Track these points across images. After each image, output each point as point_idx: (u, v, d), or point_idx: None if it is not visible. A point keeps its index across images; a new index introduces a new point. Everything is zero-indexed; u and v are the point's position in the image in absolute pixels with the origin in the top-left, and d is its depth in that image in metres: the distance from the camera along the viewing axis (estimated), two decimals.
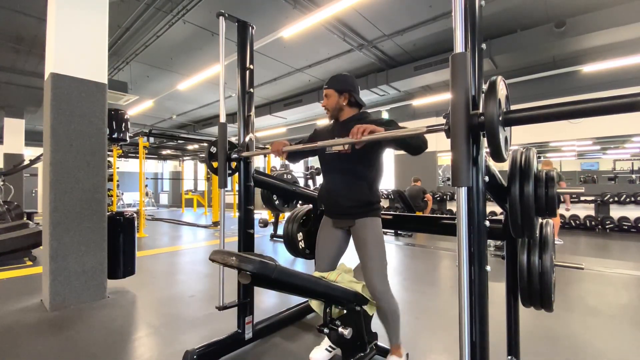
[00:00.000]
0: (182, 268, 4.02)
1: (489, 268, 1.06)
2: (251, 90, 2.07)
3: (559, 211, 6.73)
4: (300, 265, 4.04)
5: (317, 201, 1.86)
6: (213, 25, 5.40)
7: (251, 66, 2.09)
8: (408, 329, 2.20)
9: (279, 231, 5.62)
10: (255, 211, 2.12)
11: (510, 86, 1.07)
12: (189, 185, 18.46)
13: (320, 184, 1.96)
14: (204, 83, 7.74)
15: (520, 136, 7.52)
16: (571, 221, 7.12)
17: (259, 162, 12.60)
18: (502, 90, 0.98)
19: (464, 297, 0.93)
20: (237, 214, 2.08)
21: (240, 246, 2.01)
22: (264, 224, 5.44)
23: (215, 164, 2.02)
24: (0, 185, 6.30)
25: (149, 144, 9.26)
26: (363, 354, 1.66)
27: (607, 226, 6.69)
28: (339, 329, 1.54)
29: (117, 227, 3.00)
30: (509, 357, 1.34)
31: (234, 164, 2.03)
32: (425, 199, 6.83)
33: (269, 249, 5.23)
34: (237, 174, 2.03)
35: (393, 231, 6.16)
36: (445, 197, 8.97)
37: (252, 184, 2.05)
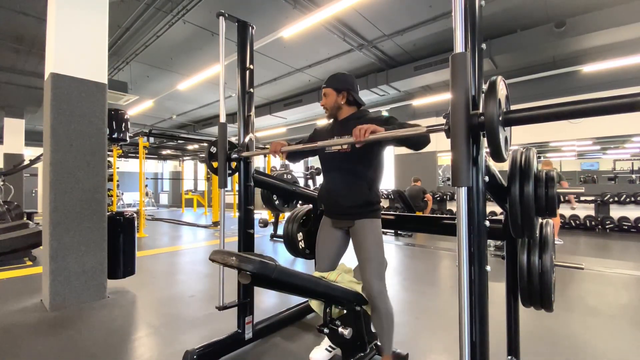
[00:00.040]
0: (182, 268, 4.02)
1: (489, 268, 1.06)
2: (251, 90, 2.07)
3: (563, 211, 6.75)
4: (300, 265, 4.04)
5: (317, 201, 1.86)
6: (213, 25, 5.40)
7: (251, 66, 2.09)
8: (408, 329, 2.20)
9: (279, 231, 5.62)
10: (255, 211, 2.12)
11: (510, 86, 1.07)
12: (189, 185, 18.45)
13: (320, 184, 1.96)
14: (204, 83, 7.74)
15: (520, 136, 7.52)
16: (571, 221, 7.12)
17: (259, 162, 12.60)
18: (502, 90, 0.98)
19: (464, 297, 0.93)
20: (237, 214, 2.08)
21: (240, 246, 2.01)
22: (264, 224, 5.43)
23: (215, 164, 2.02)
24: (0, 185, 6.30)
25: (149, 144, 9.25)
26: (363, 354, 1.66)
27: (607, 226, 6.68)
28: (339, 329, 1.54)
29: (117, 227, 3.01)
30: (509, 357, 1.34)
31: (234, 164, 2.03)
32: (425, 199, 6.83)
33: (269, 249, 5.23)
34: (237, 174, 2.04)
35: (393, 231, 6.16)
36: (445, 197, 8.96)
37: (252, 184, 2.05)
